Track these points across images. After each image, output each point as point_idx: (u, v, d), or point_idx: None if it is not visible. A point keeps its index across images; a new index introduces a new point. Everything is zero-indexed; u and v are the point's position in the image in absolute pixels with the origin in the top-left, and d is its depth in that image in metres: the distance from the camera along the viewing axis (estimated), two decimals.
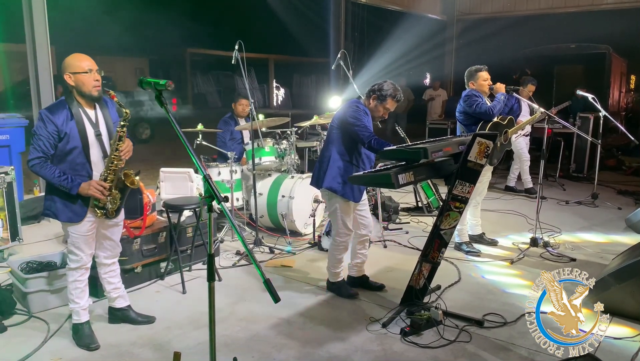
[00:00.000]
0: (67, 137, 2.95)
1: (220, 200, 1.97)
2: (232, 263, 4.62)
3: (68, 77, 2.98)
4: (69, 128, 2.96)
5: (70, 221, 3.06)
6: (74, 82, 2.99)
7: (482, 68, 4.82)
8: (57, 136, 2.94)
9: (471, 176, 3.32)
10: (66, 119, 2.95)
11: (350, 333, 3.36)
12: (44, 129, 2.91)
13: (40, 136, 2.91)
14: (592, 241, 5.34)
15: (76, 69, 2.98)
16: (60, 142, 2.95)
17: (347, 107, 3.77)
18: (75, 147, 2.99)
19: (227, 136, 5.90)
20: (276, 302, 1.94)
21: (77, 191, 2.95)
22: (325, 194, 3.83)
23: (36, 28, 6.20)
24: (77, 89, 3.00)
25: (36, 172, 2.95)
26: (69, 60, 3.01)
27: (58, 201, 3.02)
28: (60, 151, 2.97)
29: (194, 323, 3.48)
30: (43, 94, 6.28)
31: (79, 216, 3.06)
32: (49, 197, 3.06)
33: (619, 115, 12.98)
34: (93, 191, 2.98)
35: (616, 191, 7.66)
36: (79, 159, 3.01)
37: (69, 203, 3.02)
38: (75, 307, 3.21)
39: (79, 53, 3.05)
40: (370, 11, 11.57)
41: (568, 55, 12.02)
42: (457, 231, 4.83)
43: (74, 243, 3.11)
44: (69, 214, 3.04)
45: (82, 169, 3.02)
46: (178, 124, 2.21)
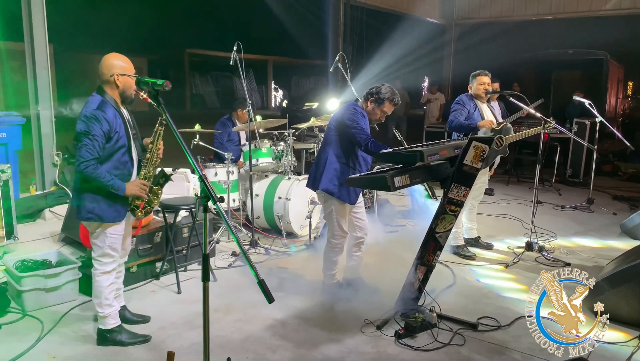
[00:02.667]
0: (116, 135, 2.92)
1: (216, 200, 1.98)
2: (227, 263, 4.62)
3: (116, 77, 2.94)
4: (119, 127, 2.94)
5: (115, 221, 3.02)
6: (122, 83, 2.96)
7: (482, 73, 4.86)
8: (109, 135, 2.89)
9: (467, 180, 3.33)
10: (115, 118, 2.92)
11: (344, 335, 3.36)
12: (99, 129, 2.83)
13: (95, 136, 2.82)
14: (587, 246, 5.36)
15: (125, 70, 2.97)
16: (109, 142, 2.91)
17: (344, 110, 3.78)
18: (122, 146, 2.98)
19: (225, 138, 5.90)
20: (270, 303, 1.95)
21: (124, 192, 2.94)
22: (322, 196, 3.84)
23: (35, 26, 6.19)
24: (122, 90, 2.98)
25: (89, 174, 2.83)
26: (115, 60, 2.98)
27: (102, 202, 2.95)
28: (107, 151, 2.92)
29: (189, 324, 3.48)
30: (41, 93, 6.27)
31: (122, 216, 3.05)
32: (92, 198, 2.94)
33: (615, 121, 13.04)
34: (138, 190, 2.98)
35: (612, 196, 7.69)
36: (124, 157, 3.01)
37: (113, 203, 2.98)
38: (113, 311, 3.18)
39: (120, 54, 3.02)
40: (369, 14, 11.59)
41: (566, 61, 12.07)
42: (453, 234, 4.85)
43: (111, 245, 3.07)
44: (113, 214, 3.00)
45: (124, 167, 3.02)
46: (175, 124, 2.22)
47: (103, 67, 2.97)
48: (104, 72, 2.96)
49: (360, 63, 10.73)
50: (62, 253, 4.09)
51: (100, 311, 3.14)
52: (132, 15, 18.23)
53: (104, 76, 2.96)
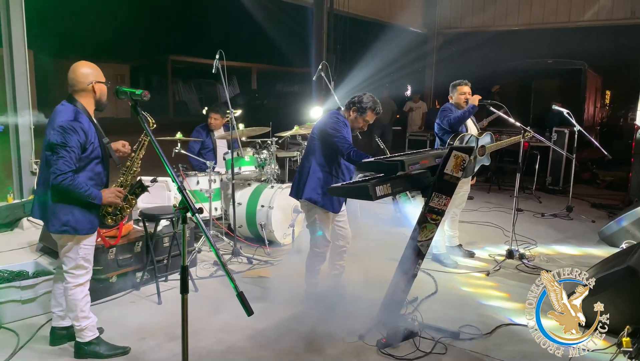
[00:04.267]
0: (91, 146, 2.87)
1: (195, 212, 1.96)
2: (209, 273, 4.58)
3: (94, 85, 2.90)
4: (94, 137, 2.89)
5: (88, 233, 2.96)
6: (98, 91, 2.93)
7: (462, 82, 4.91)
8: (84, 146, 2.83)
9: (447, 189, 3.35)
10: (89, 128, 2.87)
11: (326, 344, 3.35)
12: (76, 140, 2.77)
13: (73, 148, 2.75)
14: (566, 254, 5.43)
15: (100, 78, 2.94)
16: (84, 153, 2.85)
17: (327, 118, 3.79)
18: (97, 156, 2.93)
19: (197, 146, 5.86)
20: (249, 315, 1.94)
21: (101, 200, 2.88)
22: (305, 205, 3.83)
23: (13, 32, 6.10)
24: (99, 98, 2.95)
25: (66, 186, 2.75)
26: (90, 68, 2.94)
27: (78, 213, 2.87)
28: (83, 161, 2.86)
29: (170, 335, 3.43)
30: (19, 99, 6.16)
31: (96, 226, 3.00)
32: (67, 210, 2.85)
33: (594, 129, 13.27)
34: (114, 197, 2.94)
35: (590, 204, 7.82)
36: (98, 168, 2.96)
37: (87, 213, 2.91)
38: (90, 322, 3.11)
39: (90, 62, 2.98)
40: (352, 23, 11.67)
41: (545, 70, 12.27)
42: (435, 242, 4.88)
43: (84, 256, 3.01)
44: (88, 225, 2.94)
45: (99, 178, 2.97)
46: (157, 132, 2.20)
47: (77, 75, 2.91)
48: (79, 80, 2.91)
49: (343, 71, 10.78)
50: (40, 263, 4.02)
51: (77, 325, 3.07)
52: (114, 21, 18.09)
53: (80, 84, 2.91)
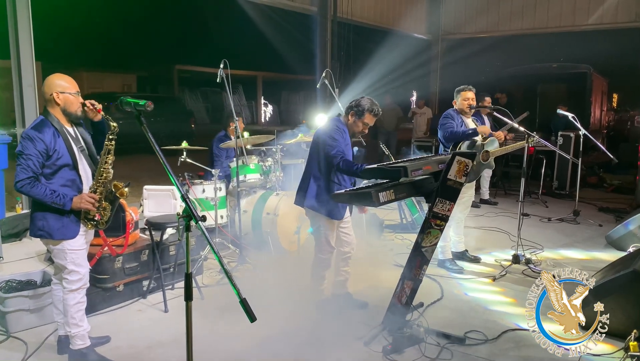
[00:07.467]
0: (56, 154, 2.94)
1: (198, 220, 1.98)
2: (215, 281, 4.59)
3: (56, 95, 2.99)
4: (58, 145, 2.95)
5: (65, 238, 3.01)
6: (62, 100, 3.00)
7: (466, 88, 4.92)
8: (46, 154, 2.91)
9: (451, 194, 3.36)
10: (53, 137, 2.94)
11: (332, 351, 3.35)
12: (33, 148, 2.87)
13: (29, 155, 2.86)
14: (573, 258, 5.41)
15: (65, 89, 3.01)
16: (48, 160, 2.92)
17: (326, 126, 3.81)
18: (65, 164, 2.98)
19: (224, 154, 5.95)
20: (252, 321, 1.95)
21: (70, 206, 2.93)
22: (309, 212, 3.84)
23: (21, 43, 6.19)
24: (64, 107, 3.02)
25: (26, 192, 2.88)
26: (56, 79, 3.03)
27: (51, 219, 2.96)
28: (50, 169, 2.94)
29: (176, 342, 3.44)
30: (27, 111, 6.25)
31: (74, 232, 3.03)
32: (40, 216, 2.98)
33: (600, 133, 13.21)
34: (85, 203, 2.97)
35: (597, 208, 7.77)
36: (70, 175, 3.01)
37: (62, 219, 2.98)
38: (80, 331, 3.14)
39: (63, 74, 3.07)
40: (356, 30, 11.73)
41: (550, 75, 12.25)
42: (440, 248, 4.88)
43: (73, 261, 3.05)
44: (63, 231, 2.99)
45: (73, 184, 3.02)
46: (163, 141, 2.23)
47: (45, 86, 3.03)
48: (44, 91, 3.03)
49: (347, 79, 10.83)
50: (48, 272, 4.05)
51: (68, 330, 3.13)
52: (121, 32, 18.30)
53: (45, 95, 3.03)
